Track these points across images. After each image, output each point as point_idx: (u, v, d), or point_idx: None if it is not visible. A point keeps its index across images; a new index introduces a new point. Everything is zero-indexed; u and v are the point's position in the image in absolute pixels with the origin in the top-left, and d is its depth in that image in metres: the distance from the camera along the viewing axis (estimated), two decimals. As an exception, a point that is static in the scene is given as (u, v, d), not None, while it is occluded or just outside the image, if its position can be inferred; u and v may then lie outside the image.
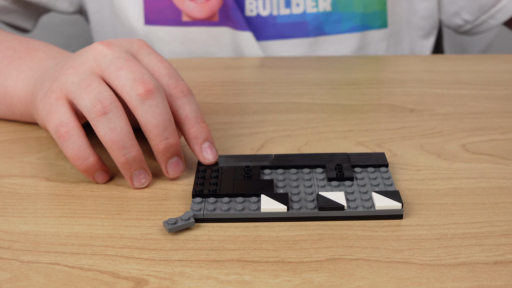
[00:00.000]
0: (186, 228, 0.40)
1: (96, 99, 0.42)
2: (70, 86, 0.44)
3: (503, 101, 0.58)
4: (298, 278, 0.36)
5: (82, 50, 0.47)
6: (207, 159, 0.46)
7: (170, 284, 0.35)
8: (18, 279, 0.36)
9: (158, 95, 0.43)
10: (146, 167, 0.45)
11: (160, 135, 0.43)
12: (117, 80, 0.43)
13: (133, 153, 0.43)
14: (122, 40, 0.47)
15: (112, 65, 0.44)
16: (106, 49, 0.45)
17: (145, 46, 0.47)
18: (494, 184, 0.45)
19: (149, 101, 0.43)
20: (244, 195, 0.42)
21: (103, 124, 0.42)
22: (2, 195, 0.45)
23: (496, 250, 0.38)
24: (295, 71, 0.67)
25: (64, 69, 0.46)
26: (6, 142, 0.52)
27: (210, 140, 0.46)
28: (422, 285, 0.35)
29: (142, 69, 0.44)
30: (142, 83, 0.43)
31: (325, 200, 0.41)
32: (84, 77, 0.44)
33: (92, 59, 0.45)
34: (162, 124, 0.43)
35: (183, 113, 0.45)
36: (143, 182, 0.45)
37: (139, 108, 0.43)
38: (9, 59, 0.54)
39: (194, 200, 0.42)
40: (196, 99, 0.46)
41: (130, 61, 0.44)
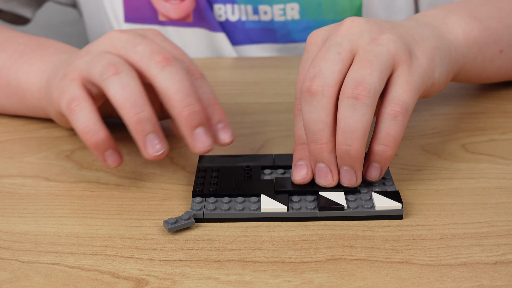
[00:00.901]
0: (186, 228, 0.40)
1: (108, 63, 0.42)
2: (84, 65, 0.43)
3: (503, 101, 0.58)
4: (299, 278, 0.36)
5: (96, 40, 0.47)
6: (222, 139, 0.44)
7: (171, 284, 0.35)
8: (18, 279, 0.36)
9: (177, 63, 0.42)
10: (160, 132, 0.42)
11: (182, 101, 0.41)
12: (135, 54, 0.42)
13: (145, 112, 0.41)
14: (136, 29, 0.47)
15: (129, 44, 0.43)
16: (120, 34, 0.44)
17: (159, 34, 0.47)
18: (494, 184, 0.45)
19: (168, 67, 0.41)
20: (244, 195, 0.42)
21: (115, 83, 0.41)
22: (2, 195, 0.45)
23: (496, 250, 0.38)
24: (295, 71, 0.67)
25: (78, 55, 0.45)
26: (6, 142, 0.52)
27: (225, 121, 0.44)
28: (422, 285, 0.35)
29: (159, 44, 0.43)
30: (160, 53, 0.42)
31: (325, 200, 0.41)
32: (97, 54, 0.43)
33: (106, 42, 0.44)
34: (183, 90, 0.41)
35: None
36: (158, 148, 0.41)
37: (158, 75, 0.41)
38: (20, 53, 0.54)
39: (194, 200, 0.42)
40: (209, 83, 0.45)
41: (146, 39, 0.44)
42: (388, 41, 0.42)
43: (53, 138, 0.53)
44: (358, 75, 0.40)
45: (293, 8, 0.71)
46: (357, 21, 0.43)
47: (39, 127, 0.55)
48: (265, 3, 0.71)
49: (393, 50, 0.42)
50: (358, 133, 0.40)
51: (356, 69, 0.41)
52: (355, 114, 0.39)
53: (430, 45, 0.45)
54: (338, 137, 0.40)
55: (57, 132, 0.54)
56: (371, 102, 0.40)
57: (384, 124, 0.41)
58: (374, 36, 0.43)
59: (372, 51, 0.42)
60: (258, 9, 0.72)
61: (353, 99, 0.40)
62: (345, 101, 0.40)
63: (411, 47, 0.44)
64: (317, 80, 0.41)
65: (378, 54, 0.41)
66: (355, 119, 0.39)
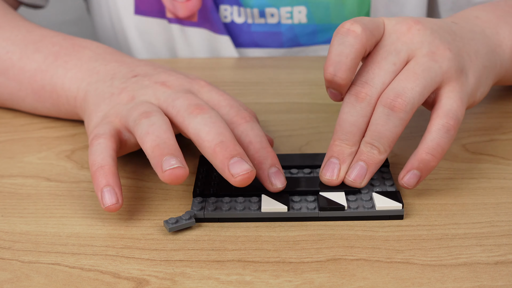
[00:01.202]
0: (186, 228, 0.40)
1: (144, 111, 0.42)
2: (125, 111, 0.44)
3: (504, 101, 0.58)
4: (299, 278, 0.36)
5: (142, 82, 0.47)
6: (274, 184, 0.41)
7: (171, 284, 0.35)
8: (18, 279, 0.36)
9: (211, 111, 0.42)
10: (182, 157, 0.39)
11: (214, 139, 0.39)
12: (173, 109, 0.43)
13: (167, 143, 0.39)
14: (183, 80, 0.47)
15: (170, 98, 0.44)
16: (165, 88, 0.45)
17: (206, 85, 0.47)
18: (495, 184, 0.45)
19: (201, 115, 0.41)
20: (245, 195, 0.42)
21: (143, 124, 0.41)
22: (2, 195, 0.45)
23: (497, 250, 0.38)
24: (295, 71, 0.67)
25: (122, 99, 0.46)
26: (6, 142, 0.52)
27: (277, 165, 0.42)
28: (423, 285, 0.35)
29: (199, 98, 0.43)
30: (197, 105, 0.42)
31: (326, 200, 0.41)
32: (139, 102, 0.44)
33: (151, 93, 0.45)
34: (215, 130, 0.40)
35: (246, 138, 0.43)
36: (173, 163, 0.38)
37: (191, 122, 0.41)
38: (55, 56, 0.53)
39: (195, 200, 0.42)
40: (260, 126, 0.45)
41: (188, 94, 0.44)
42: (444, 58, 0.43)
43: (53, 138, 0.53)
44: (400, 86, 0.41)
45: (301, 11, 0.71)
46: (423, 30, 0.43)
47: (39, 127, 0.55)
48: (272, 5, 0.71)
49: (445, 69, 0.42)
50: (386, 141, 0.41)
51: (400, 79, 0.41)
52: (388, 124, 0.40)
53: (481, 64, 0.46)
54: (366, 137, 0.41)
55: (57, 132, 0.54)
56: (405, 116, 0.41)
57: (436, 135, 0.41)
58: (433, 49, 0.43)
59: (423, 64, 0.42)
60: (264, 12, 0.71)
61: (389, 109, 0.40)
62: (380, 109, 0.41)
63: (465, 66, 0.44)
64: (367, 88, 0.41)
65: (427, 69, 0.42)
66: (386, 128, 0.41)
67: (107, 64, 0.51)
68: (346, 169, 0.42)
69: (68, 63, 0.52)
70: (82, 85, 0.50)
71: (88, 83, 0.50)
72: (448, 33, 0.45)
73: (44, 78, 0.53)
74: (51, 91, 0.52)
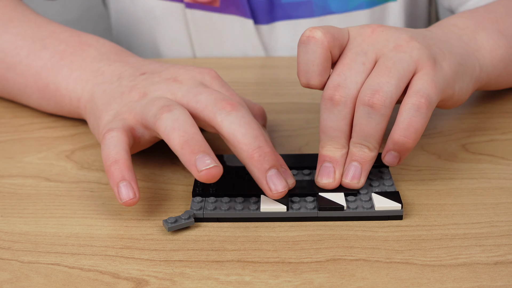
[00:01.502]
0: (186, 228, 0.40)
1: (163, 104, 0.42)
2: (139, 108, 0.43)
3: (504, 101, 0.58)
4: (299, 278, 0.36)
5: (152, 79, 0.46)
6: (273, 188, 0.40)
7: (171, 284, 0.35)
8: (18, 280, 0.36)
9: (243, 108, 0.41)
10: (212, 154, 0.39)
11: (251, 144, 0.39)
12: (198, 104, 0.42)
13: (196, 139, 0.39)
14: (194, 72, 0.46)
15: (190, 93, 0.43)
16: (179, 83, 0.45)
17: (216, 78, 0.46)
18: (494, 185, 0.45)
19: (234, 112, 0.41)
20: (244, 195, 0.42)
21: (167, 118, 0.40)
22: (2, 195, 0.45)
23: (496, 250, 0.38)
24: (295, 71, 0.67)
25: (133, 97, 0.45)
26: (6, 142, 0.52)
27: (284, 165, 0.42)
28: (422, 285, 0.35)
29: (221, 92, 0.43)
30: (224, 100, 0.41)
31: (325, 200, 0.41)
32: (154, 97, 0.44)
33: (165, 88, 0.44)
34: (251, 132, 0.40)
35: None
36: (208, 163, 0.38)
37: (224, 120, 0.40)
38: (61, 55, 0.53)
39: (194, 200, 0.42)
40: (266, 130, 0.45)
41: (208, 88, 0.44)
42: (412, 48, 0.42)
43: (53, 138, 0.53)
44: (375, 82, 0.41)
45: None
46: (386, 29, 0.44)
47: (39, 127, 0.55)
48: None
49: (415, 57, 0.42)
50: (373, 139, 0.41)
51: (373, 76, 0.41)
52: (370, 123, 0.41)
53: (456, 60, 0.46)
54: (353, 138, 0.42)
55: (57, 132, 0.54)
56: (386, 111, 0.41)
57: (407, 115, 0.41)
58: (399, 43, 0.43)
59: (393, 58, 0.42)
60: None
61: (369, 107, 0.40)
62: (361, 108, 0.41)
63: (437, 57, 0.44)
64: (341, 90, 0.41)
65: (398, 60, 0.42)
66: (370, 127, 0.41)
67: (111, 64, 0.51)
68: (341, 170, 0.42)
69: (73, 63, 0.52)
70: (87, 86, 0.50)
71: (93, 85, 0.49)
72: (416, 32, 0.45)
73: (49, 77, 0.52)
74: (55, 90, 0.52)
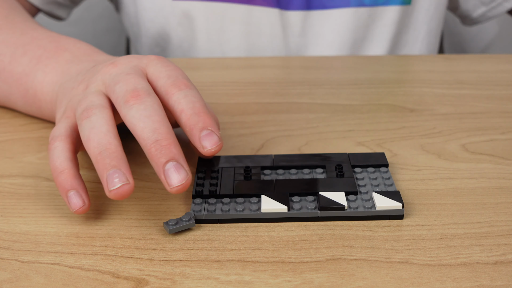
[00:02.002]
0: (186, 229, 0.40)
1: (85, 107, 0.42)
2: (76, 104, 0.44)
3: (503, 101, 0.58)
4: (298, 278, 0.36)
5: (96, 68, 0.46)
6: (204, 147, 0.40)
7: (170, 284, 0.35)
8: (18, 279, 0.36)
9: (147, 99, 0.40)
10: (124, 167, 0.38)
11: (149, 138, 0.38)
12: (113, 94, 0.42)
13: (108, 149, 0.39)
14: (134, 58, 0.46)
15: (112, 81, 0.43)
16: (112, 68, 0.44)
17: (155, 59, 0.45)
18: (494, 184, 0.45)
19: (136, 105, 0.40)
20: (244, 196, 0.42)
21: (85, 126, 0.41)
22: (2, 195, 0.45)
23: (496, 250, 0.38)
24: (295, 71, 0.67)
25: (78, 89, 0.46)
26: (6, 142, 0.52)
27: (211, 127, 0.40)
28: (422, 285, 0.35)
29: (138, 80, 0.42)
30: (132, 92, 0.41)
31: (326, 200, 0.41)
32: (86, 94, 0.44)
33: (99, 79, 0.45)
34: (150, 126, 0.39)
35: (178, 107, 0.41)
36: (116, 182, 0.38)
37: (127, 115, 0.40)
38: (38, 59, 0.54)
39: (194, 201, 0.42)
40: (197, 92, 0.43)
41: (129, 74, 0.43)
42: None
43: (53, 138, 0.53)
44: None
45: None
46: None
47: (39, 127, 0.55)
48: None
49: None
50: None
51: None
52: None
53: None
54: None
55: (57, 132, 0.54)
56: None
57: None
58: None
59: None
60: None
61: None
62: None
63: None
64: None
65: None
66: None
67: (79, 64, 0.51)
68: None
69: (48, 67, 0.52)
70: (55, 87, 0.51)
71: (59, 85, 0.50)
72: None
73: (27, 82, 0.53)
74: (34, 96, 0.53)
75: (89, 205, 0.40)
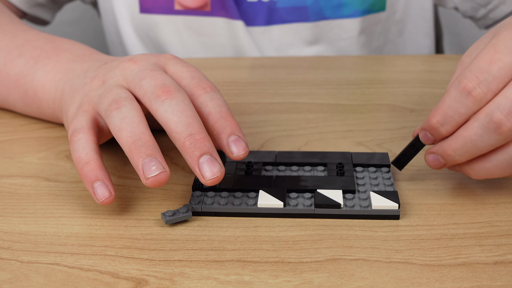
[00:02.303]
0: (185, 225, 0.40)
1: (113, 99, 0.42)
2: (96, 98, 0.44)
3: (503, 101, 0.58)
4: (298, 278, 0.36)
5: (111, 65, 0.47)
6: (234, 153, 0.41)
7: (170, 284, 0.35)
8: (18, 279, 0.36)
9: (178, 94, 0.41)
10: (159, 156, 0.39)
11: (183, 132, 0.39)
12: (140, 89, 0.43)
13: (143, 139, 0.39)
14: (150, 55, 0.47)
15: (137, 77, 0.43)
16: (133, 65, 0.45)
17: (173, 58, 0.47)
18: (494, 184, 0.45)
19: (168, 100, 0.41)
20: (243, 190, 0.42)
21: (115, 117, 0.41)
22: (2, 195, 0.45)
23: (496, 250, 0.38)
24: (295, 71, 0.67)
25: (94, 86, 0.46)
26: (6, 142, 0.52)
27: (238, 133, 0.42)
28: (422, 285, 0.35)
29: (165, 76, 0.43)
30: (162, 87, 0.42)
31: (322, 197, 0.41)
32: (108, 87, 0.44)
33: (119, 74, 0.45)
34: (183, 120, 0.40)
35: (206, 109, 0.42)
36: (153, 170, 0.38)
37: (158, 109, 0.41)
38: (36, 59, 0.54)
39: (193, 194, 0.42)
40: (221, 96, 0.44)
41: (154, 71, 0.44)
42: None
43: (53, 138, 0.53)
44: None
45: None
46: None
47: (39, 127, 0.55)
48: None
49: None
50: None
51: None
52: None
53: None
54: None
55: (57, 132, 0.54)
56: None
57: None
58: None
59: None
60: None
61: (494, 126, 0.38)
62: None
63: None
64: (481, 87, 0.40)
65: None
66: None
67: (83, 63, 0.51)
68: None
69: (48, 66, 0.52)
70: (59, 85, 0.51)
71: (64, 82, 0.50)
72: None
73: (26, 83, 0.53)
74: (33, 96, 0.53)
75: (115, 195, 0.41)
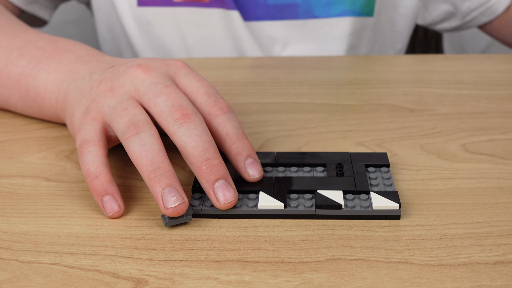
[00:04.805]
0: (184, 225, 0.40)
1: (130, 121, 0.42)
2: (107, 110, 0.44)
3: (503, 101, 0.58)
4: (298, 278, 0.36)
5: (118, 69, 0.47)
6: (251, 175, 0.43)
7: (170, 284, 0.35)
8: (18, 279, 0.36)
9: (195, 118, 0.42)
10: (178, 186, 0.40)
11: (200, 156, 0.41)
12: (155, 107, 0.43)
13: (162, 168, 0.40)
14: (159, 63, 0.47)
15: (151, 92, 0.44)
16: (144, 74, 0.45)
17: (183, 67, 0.47)
18: (494, 184, 0.45)
19: (186, 124, 0.41)
20: (243, 192, 0.42)
21: (134, 143, 0.41)
22: (2, 195, 0.45)
23: (496, 250, 0.38)
24: (295, 71, 0.67)
25: (101, 90, 0.46)
26: (6, 142, 0.52)
27: (254, 156, 0.44)
28: (422, 285, 0.35)
29: (180, 95, 0.43)
30: (179, 109, 0.42)
31: (323, 198, 0.41)
32: (121, 101, 0.44)
33: (129, 83, 0.45)
34: (201, 145, 0.41)
35: (224, 130, 0.44)
36: (174, 200, 0.39)
37: (176, 132, 0.41)
38: (38, 60, 0.53)
39: (193, 196, 0.42)
40: (236, 116, 0.45)
41: (169, 87, 0.44)
42: None
43: (53, 138, 0.53)
44: None
45: None
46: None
47: (39, 127, 0.55)
48: None
49: None
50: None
51: None
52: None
53: None
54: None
55: (57, 132, 0.54)
56: None
57: None
58: None
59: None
60: None
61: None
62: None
63: None
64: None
65: None
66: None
67: (86, 64, 0.51)
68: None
69: (50, 66, 0.52)
70: (63, 85, 0.50)
71: (68, 83, 0.50)
72: None
73: (28, 83, 0.53)
74: (35, 95, 0.53)
75: (124, 209, 0.42)
